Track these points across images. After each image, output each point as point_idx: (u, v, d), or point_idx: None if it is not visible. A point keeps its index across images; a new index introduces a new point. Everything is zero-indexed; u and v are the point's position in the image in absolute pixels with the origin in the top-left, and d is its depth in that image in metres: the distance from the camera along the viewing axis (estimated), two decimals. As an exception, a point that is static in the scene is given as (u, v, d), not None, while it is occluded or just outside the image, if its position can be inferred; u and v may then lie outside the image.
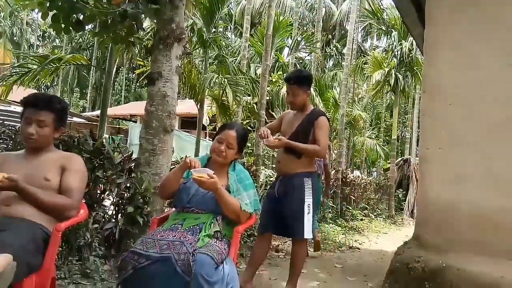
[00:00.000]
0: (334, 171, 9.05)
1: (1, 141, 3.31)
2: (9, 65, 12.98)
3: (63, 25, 3.74)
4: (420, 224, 3.02)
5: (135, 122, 16.53)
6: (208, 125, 13.80)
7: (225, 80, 8.29)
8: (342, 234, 6.67)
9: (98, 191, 3.32)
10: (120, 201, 3.36)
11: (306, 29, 21.30)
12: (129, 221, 3.28)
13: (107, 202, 3.39)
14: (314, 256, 4.86)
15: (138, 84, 25.33)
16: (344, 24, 22.78)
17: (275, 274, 3.75)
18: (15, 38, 26.26)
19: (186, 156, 2.63)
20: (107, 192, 3.35)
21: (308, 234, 2.83)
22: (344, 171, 9.60)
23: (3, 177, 1.77)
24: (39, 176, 1.93)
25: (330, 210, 7.71)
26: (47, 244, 1.80)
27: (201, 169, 2.03)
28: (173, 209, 2.31)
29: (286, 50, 15.48)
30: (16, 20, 26.13)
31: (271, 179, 6.13)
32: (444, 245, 2.76)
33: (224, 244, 2.04)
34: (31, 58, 6.37)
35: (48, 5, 3.59)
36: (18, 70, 6.23)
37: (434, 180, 2.91)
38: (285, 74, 13.49)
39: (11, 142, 3.32)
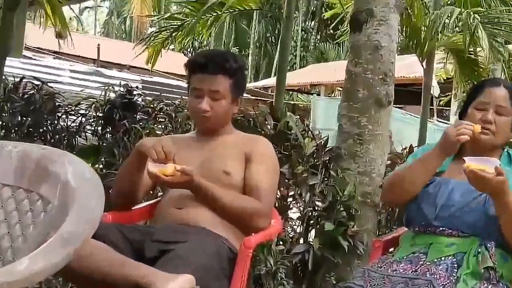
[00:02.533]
0: None
1: (161, 121, 3.00)
2: (156, 16, 10.72)
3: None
4: None
5: (318, 95, 12.56)
6: (437, 97, 9.28)
7: (475, 16, 5.04)
8: None
9: (281, 195, 2.70)
10: (312, 213, 2.65)
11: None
12: (327, 243, 2.57)
13: (293, 213, 2.75)
14: None
15: (320, 37, 17.72)
16: None
17: None
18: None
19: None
20: (292, 198, 2.71)
21: None
22: None
23: (175, 169, 1.51)
24: (216, 168, 1.68)
25: None
26: (232, 264, 1.57)
27: (479, 158, 1.38)
28: (405, 228, 1.74)
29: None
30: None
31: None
32: None
33: None
34: (184, 5, 5.55)
35: None
36: (166, 25, 5.65)
37: None
38: None
39: (171, 122, 2.94)
